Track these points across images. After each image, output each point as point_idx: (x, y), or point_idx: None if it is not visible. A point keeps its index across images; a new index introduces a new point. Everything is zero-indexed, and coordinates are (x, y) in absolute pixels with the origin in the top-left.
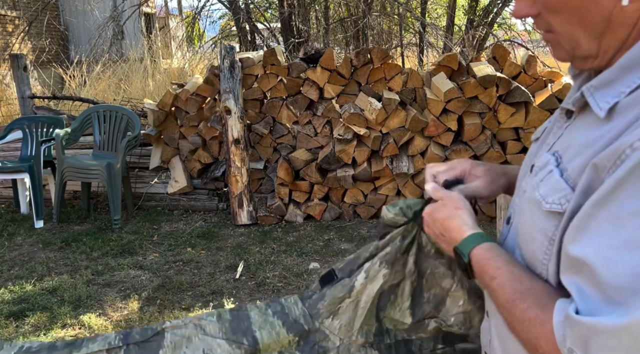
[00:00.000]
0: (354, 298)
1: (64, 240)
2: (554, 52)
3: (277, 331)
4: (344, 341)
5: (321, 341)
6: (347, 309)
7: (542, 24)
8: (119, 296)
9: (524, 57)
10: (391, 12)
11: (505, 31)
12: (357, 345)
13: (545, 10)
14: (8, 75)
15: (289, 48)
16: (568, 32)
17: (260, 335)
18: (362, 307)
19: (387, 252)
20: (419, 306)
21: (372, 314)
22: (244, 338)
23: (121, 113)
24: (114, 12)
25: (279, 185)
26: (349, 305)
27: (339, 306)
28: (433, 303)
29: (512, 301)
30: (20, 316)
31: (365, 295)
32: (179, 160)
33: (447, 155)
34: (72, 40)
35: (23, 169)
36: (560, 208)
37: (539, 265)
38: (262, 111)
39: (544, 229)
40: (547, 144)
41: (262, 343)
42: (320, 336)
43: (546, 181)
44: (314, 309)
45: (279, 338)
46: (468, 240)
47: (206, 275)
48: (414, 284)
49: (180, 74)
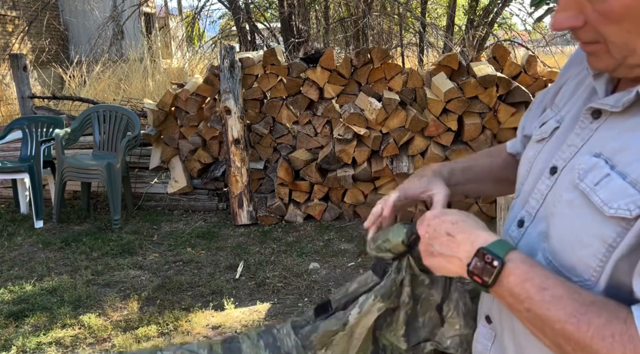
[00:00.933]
0: (348, 331)
1: (63, 240)
2: (595, 62)
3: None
4: None
5: None
6: (340, 341)
7: (589, 35)
8: (118, 296)
9: (524, 57)
10: (391, 12)
11: (505, 31)
12: None
13: (602, 21)
14: (8, 75)
15: (289, 48)
16: (625, 41)
17: None
18: (356, 338)
19: (382, 285)
20: (414, 332)
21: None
22: None
23: (121, 113)
24: (114, 12)
25: (279, 185)
26: (342, 337)
27: (332, 338)
28: (428, 327)
29: (580, 315)
30: (20, 316)
31: (359, 328)
32: (178, 160)
33: (447, 155)
34: (72, 40)
35: (23, 169)
36: (630, 214)
37: (587, 272)
38: (262, 110)
39: (602, 236)
40: (573, 145)
41: None
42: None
43: (606, 186)
44: (307, 341)
45: None
46: (499, 243)
47: (206, 275)
48: (409, 312)
49: (180, 74)
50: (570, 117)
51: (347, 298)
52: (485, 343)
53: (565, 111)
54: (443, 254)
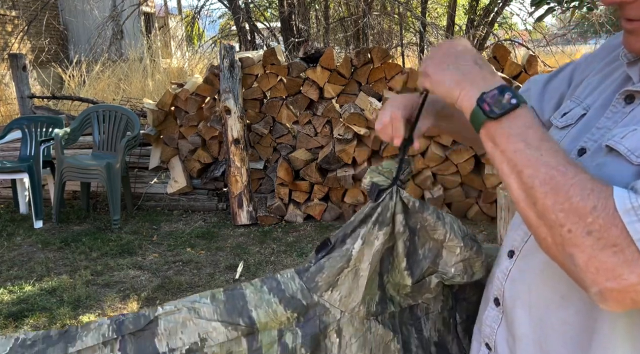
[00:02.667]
0: (352, 266)
1: (63, 240)
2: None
3: (274, 309)
4: (345, 313)
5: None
6: (346, 280)
7: (637, 12)
8: (118, 296)
9: (524, 56)
10: (391, 12)
11: (505, 31)
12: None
13: None
14: (7, 75)
15: (289, 48)
16: None
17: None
18: (362, 275)
19: (379, 212)
20: (417, 264)
21: (373, 282)
22: (240, 319)
23: (120, 113)
24: (114, 11)
25: (279, 185)
26: (347, 275)
27: (338, 277)
28: (429, 257)
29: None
30: (20, 317)
31: (363, 262)
32: (178, 160)
33: (447, 155)
34: (72, 39)
35: (22, 169)
36: None
37: None
38: (262, 110)
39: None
40: (604, 127)
41: (259, 322)
42: (321, 310)
43: (632, 137)
44: (312, 283)
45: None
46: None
47: (206, 275)
48: (407, 243)
49: (179, 74)
50: (599, 104)
51: (346, 229)
52: (492, 325)
53: (590, 100)
54: (461, 73)
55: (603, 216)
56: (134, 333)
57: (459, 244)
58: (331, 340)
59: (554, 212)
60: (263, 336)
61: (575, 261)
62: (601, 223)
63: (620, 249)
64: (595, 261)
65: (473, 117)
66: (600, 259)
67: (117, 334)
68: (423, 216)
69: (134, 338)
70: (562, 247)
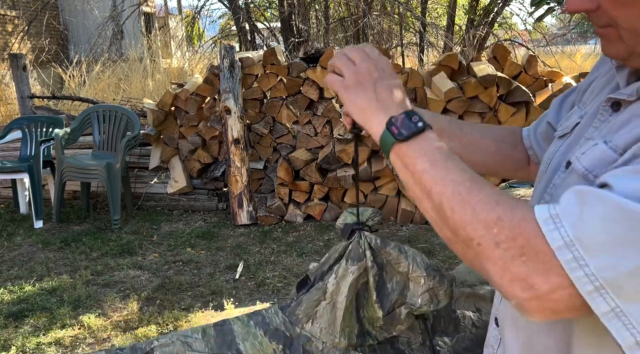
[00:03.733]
0: (329, 299)
1: (63, 240)
2: (607, 48)
3: (260, 341)
4: (326, 344)
5: (305, 345)
6: (324, 312)
7: (601, 19)
8: (118, 296)
9: (524, 56)
10: (391, 12)
11: (505, 31)
12: (341, 348)
13: (613, 4)
14: (7, 75)
15: (289, 48)
16: (634, 27)
17: (244, 347)
18: (339, 308)
19: (351, 249)
20: (386, 297)
21: (351, 314)
22: (229, 352)
23: (121, 113)
24: (114, 11)
25: (279, 185)
26: (325, 308)
27: (316, 309)
28: (397, 290)
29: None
30: (20, 317)
31: (339, 295)
32: (178, 160)
33: None
34: (72, 40)
35: (22, 169)
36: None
37: None
38: (262, 110)
39: None
40: (590, 138)
41: None
42: (304, 339)
43: (590, 153)
44: (293, 316)
45: (262, 348)
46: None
47: (206, 275)
48: (376, 277)
49: (179, 74)
50: (591, 112)
51: (323, 267)
52: (494, 345)
53: (589, 107)
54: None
55: (508, 226)
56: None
57: (422, 274)
58: None
59: (463, 227)
60: None
61: (491, 274)
62: (507, 233)
63: (529, 258)
64: (507, 273)
65: (382, 140)
66: (512, 270)
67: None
68: (387, 251)
69: None
70: (478, 262)
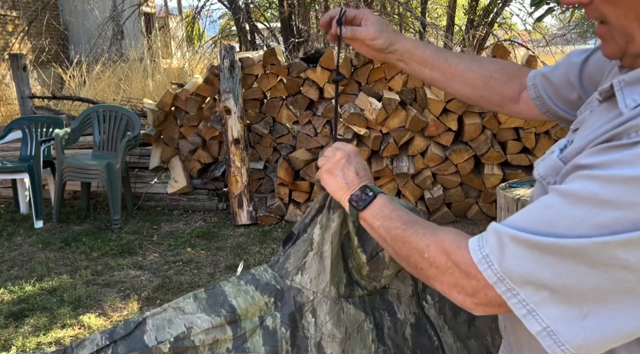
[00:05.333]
0: (316, 249)
1: (63, 240)
2: (605, 48)
3: (252, 295)
4: (317, 294)
5: (296, 296)
6: (312, 262)
7: (594, 14)
8: (118, 296)
9: (524, 57)
10: (391, 12)
11: (505, 31)
12: (331, 297)
13: (602, 1)
14: (8, 75)
15: (289, 48)
16: (623, 25)
17: (237, 302)
18: (326, 257)
19: (330, 199)
20: (367, 242)
21: (339, 264)
22: (222, 309)
23: (121, 113)
24: (114, 11)
25: (279, 185)
26: (313, 258)
27: (304, 260)
28: None
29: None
30: (20, 317)
31: (325, 244)
32: (178, 160)
33: (447, 155)
34: (72, 40)
35: (23, 169)
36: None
37: None
38: (262, 110)
39: None
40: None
41: (240, 308)
42: (295, 291)
43: (548, 158)
44: (283, 270)
45: (254, 301)
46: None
47: (206, 275)
48: (356, 223)
49: (180, 74)
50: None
51: (305, 220)
52: (502, 322)
53: None
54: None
55: (433, 248)
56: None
57: None
58: (307, 319)
59: (407, 257)
60: (246, 324)
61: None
62: (433, 254)
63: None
64: (446, 285)
65: (350, 211)
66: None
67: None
68: None
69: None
70: (429, 282)
